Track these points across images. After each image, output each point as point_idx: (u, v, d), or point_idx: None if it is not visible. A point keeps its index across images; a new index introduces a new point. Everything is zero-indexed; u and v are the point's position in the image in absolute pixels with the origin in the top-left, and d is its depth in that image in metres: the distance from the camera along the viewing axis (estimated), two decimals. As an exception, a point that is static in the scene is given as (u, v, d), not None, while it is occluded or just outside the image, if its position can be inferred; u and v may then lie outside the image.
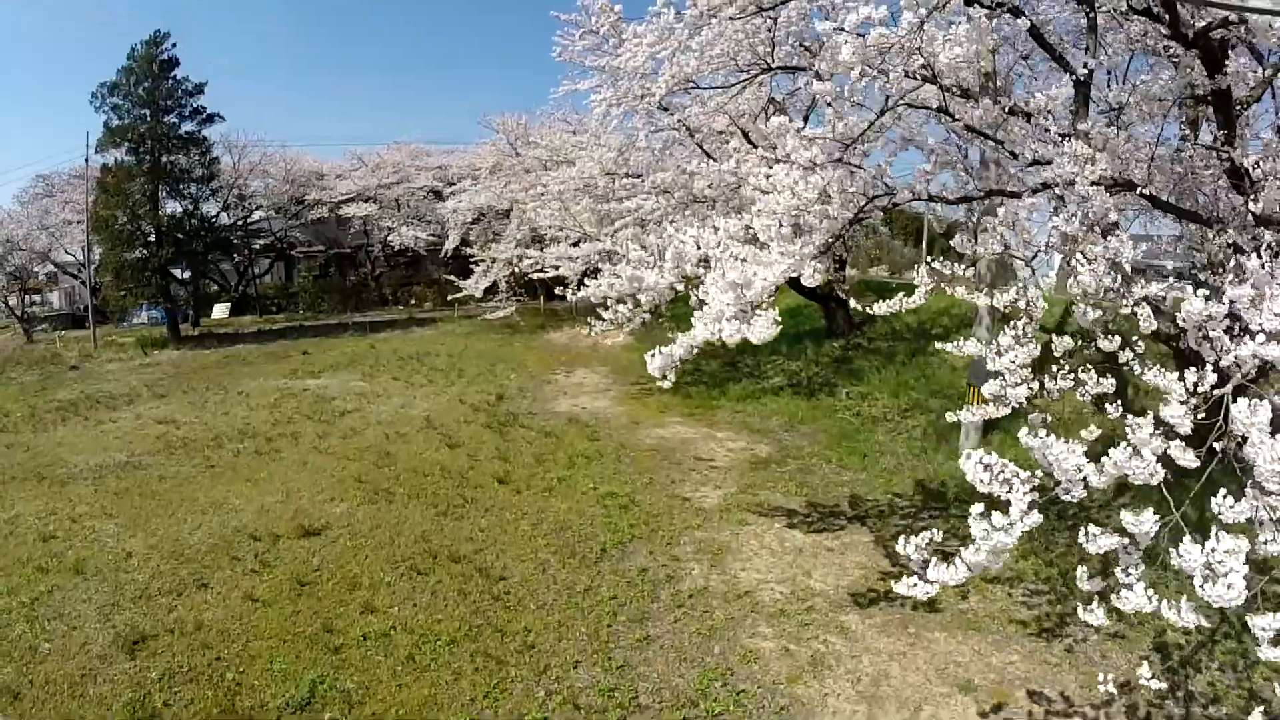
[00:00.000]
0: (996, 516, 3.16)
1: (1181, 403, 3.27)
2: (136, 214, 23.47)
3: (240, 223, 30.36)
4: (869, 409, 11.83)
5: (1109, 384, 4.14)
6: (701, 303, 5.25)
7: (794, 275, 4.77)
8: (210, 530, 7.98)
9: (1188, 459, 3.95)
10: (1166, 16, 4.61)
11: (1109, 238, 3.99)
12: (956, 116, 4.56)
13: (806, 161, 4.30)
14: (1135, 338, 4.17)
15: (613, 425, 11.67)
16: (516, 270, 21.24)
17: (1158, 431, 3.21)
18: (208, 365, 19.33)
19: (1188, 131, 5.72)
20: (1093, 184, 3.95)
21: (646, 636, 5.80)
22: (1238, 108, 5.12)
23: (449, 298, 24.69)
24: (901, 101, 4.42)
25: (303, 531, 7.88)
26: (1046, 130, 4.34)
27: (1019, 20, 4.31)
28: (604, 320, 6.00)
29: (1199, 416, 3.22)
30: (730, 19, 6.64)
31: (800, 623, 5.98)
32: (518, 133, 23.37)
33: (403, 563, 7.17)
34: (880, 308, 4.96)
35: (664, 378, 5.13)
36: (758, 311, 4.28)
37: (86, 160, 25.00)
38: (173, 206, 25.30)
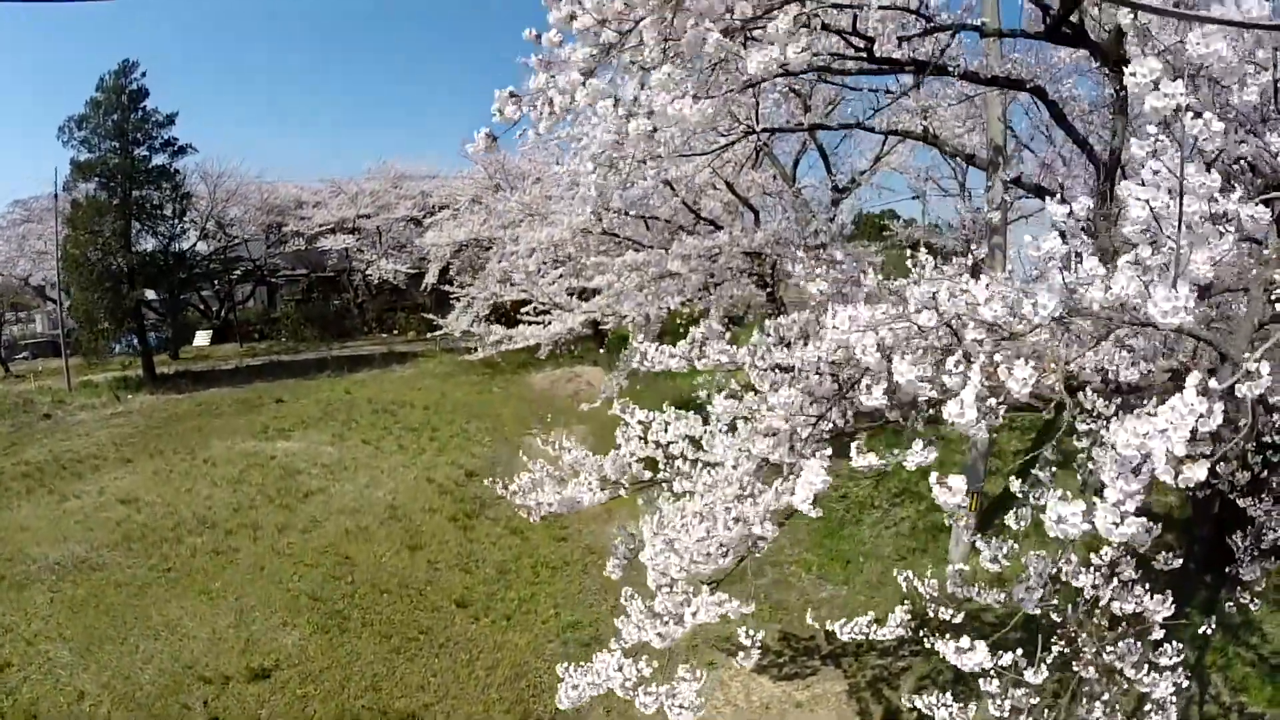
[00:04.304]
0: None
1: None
2: (108, 252, 22.77)
3: (220, 251, 29.74)
4: (856, 490, 11.43)
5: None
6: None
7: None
8: (162, 665, 7.83)
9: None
10: None
11: None
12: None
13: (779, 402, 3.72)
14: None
15: (585, 515, 11.23)
16: (497, 305, 20.76)
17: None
18: (179, 416, 18.85)
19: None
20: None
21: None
22: None
23: (429, 334, 24.23)
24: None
25: (252, 674, 7.59)
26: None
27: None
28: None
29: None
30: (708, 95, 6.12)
31: (761, 817, 5.63)
32: (497, 165, 22.74)
33: (350, 722, 6.82)
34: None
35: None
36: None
37: (56, 196, 24.36)
38: (146, 243, 24.63)
